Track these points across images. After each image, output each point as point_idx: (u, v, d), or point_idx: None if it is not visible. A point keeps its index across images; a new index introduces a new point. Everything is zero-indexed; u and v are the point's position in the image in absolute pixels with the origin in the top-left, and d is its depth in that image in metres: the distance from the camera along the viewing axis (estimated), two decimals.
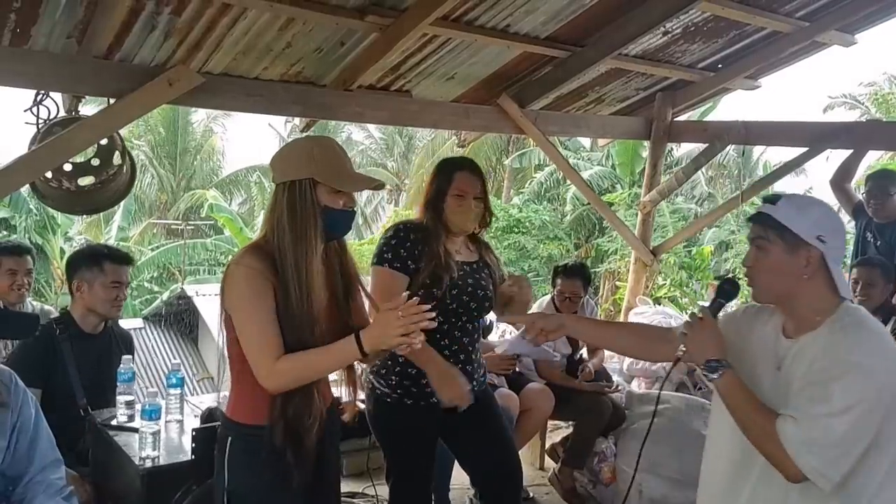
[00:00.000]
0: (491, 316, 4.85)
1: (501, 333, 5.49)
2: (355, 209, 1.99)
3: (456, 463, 3.40)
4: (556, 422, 4.58)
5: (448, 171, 2.56)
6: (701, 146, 5.10)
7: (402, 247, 2.45)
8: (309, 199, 1.82)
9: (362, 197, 24.66)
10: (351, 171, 1.93)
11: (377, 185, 1.96)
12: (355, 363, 2.01)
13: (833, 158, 4.92)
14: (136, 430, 2.38)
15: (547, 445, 4.27)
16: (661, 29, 4.04)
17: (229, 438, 1.86)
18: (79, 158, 3.39)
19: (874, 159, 13.38)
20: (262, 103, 3.71)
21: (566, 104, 4.82)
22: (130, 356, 2.78)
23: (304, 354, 1.77)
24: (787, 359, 1.67)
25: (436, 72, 4.04)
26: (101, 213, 17.33)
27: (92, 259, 2.89)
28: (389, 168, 25.44)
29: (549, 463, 4.27)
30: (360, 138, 25.63)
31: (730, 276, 1.87)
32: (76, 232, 18.16)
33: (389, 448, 2.62)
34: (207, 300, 12.60)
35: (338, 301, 1.94)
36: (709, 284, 13.49)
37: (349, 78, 3.79)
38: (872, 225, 4.06)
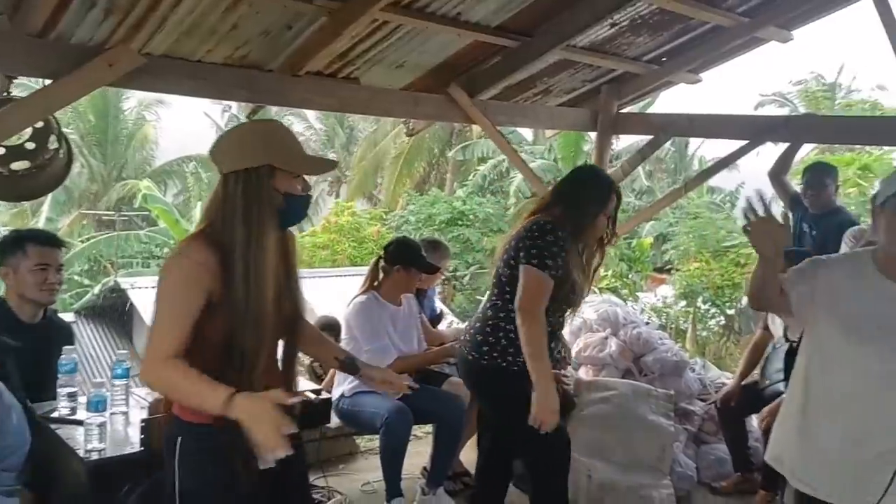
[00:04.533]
0: (441, 305, 4.89)
1: (449, 323, 5.52)
2: (311, 193, 1.93)
3: (409, 452, 3.43)
4: None
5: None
6: (640, 143, 5.19)
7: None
8: (267, 187, 1.74)
9: None
10: (306, 154, 1.88)
11: (334, 165, 1.94)
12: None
13: (763, 155, 5.10)
14: (80, 423, 2.29)
15: None
16: (608, 21, 4.08)
17: (179, 438, 1.78)
18: (12, 141, 3.23)
19: (804, 154, 13.92)
20: (207, 87, 3.61)
21: (514, 94, 4.83)
22: (72, 346, 2.67)
23: (186, 376, 1.66)
24: None
25: (385, 59, 4.00)
26: (28, 204, 16.65)
27: (14, 243, 2.80)
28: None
29: None
30: (300, 129, 25.22)
31: None
32: (0, 223, 17.39)
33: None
34: (143, 293, 12.21)
35: (281, 295, 1.85)
36: (647, 276, 13.86)
37: (297, 63, 3.71)
38: (808, 216, 4.21)
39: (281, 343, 1.92)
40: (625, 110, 5.25)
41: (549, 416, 2.46)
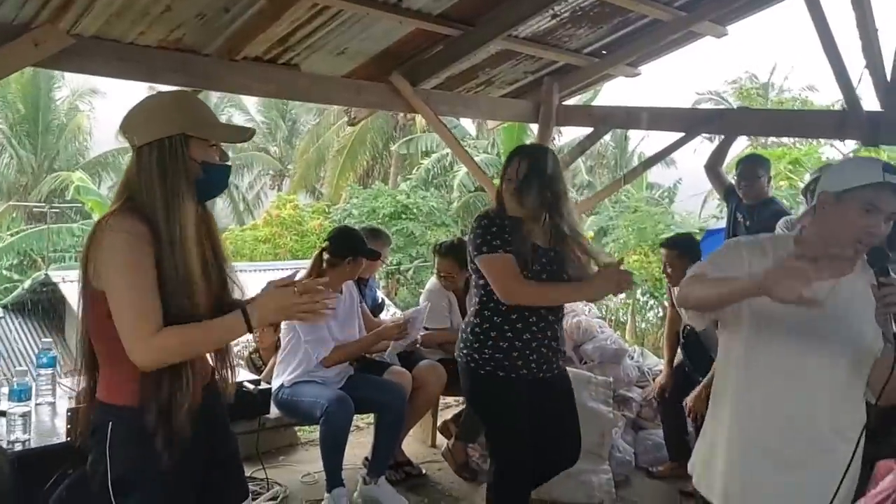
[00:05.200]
0: (382, 295, 4.86)
1: (393, 314, 5.50)
2: (230, 164, 1.90)
3: (350, 443, 3.40)
4: (447, 399, 4.63)
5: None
6: (580, 138, 5.27)
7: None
8: (181, 156, 1.69)
9: (243, 182, 23.91)
10: (220, 122, 1.86)
11: (250, 134, 1.89)
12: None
13: (700, 152, 5.24)
14: (2, 414, 2.19)
15: (438, 422, 4.30)
16: (549, 11, 4.11)
17: (110, 424, 1.70)
18: None
19: (738, 149, 14.33)
20: (138, 70, 3.51)
21: (457, 84, 4.83)
22: None
23: (187, 328, 1.65)
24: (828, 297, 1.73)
25: (326, 46, 3.94)
26: None
27: None
28: (272, 153, 24.78)
29: (440, 440, 4.31)
30: (241, 120, 24.70)
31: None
32: None
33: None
34: (76, 287, 11.76)
35: (208, 270, 1.80)
36: None
37: (234, 48, 3.64)
38: (742, 207, 4.32)
39: None
40: (566, 103, 5.31)
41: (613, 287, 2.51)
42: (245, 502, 1.98)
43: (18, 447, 2.08)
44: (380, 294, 4.62)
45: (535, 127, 5.65)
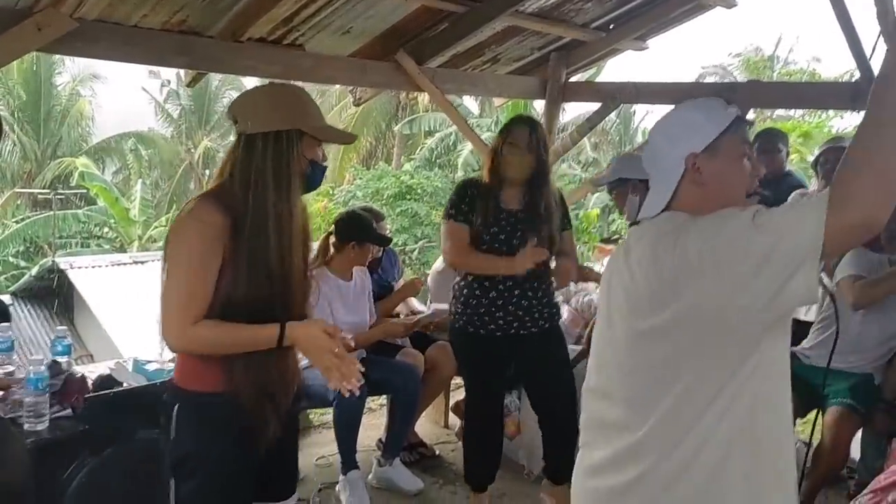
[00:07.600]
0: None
1: None
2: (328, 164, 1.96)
3: (363, 425, 3.40)
4: (460, 380, 4.62)
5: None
6: (586, 115, 5.21)
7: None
8: (296, 151, 1.75)
9: None
10: (329, 124, 1.93)
11: (354, 138, 2.05)
12: None
13: None
14: (20, 403, 2.18)
15: (451, 403, 4.30)
16: None
17: (176, 406, 1.78)
18: None
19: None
20: (143, 53, 3.47)
21: (463, 62, 4.78)
22: (8, 324, 2.54)
23: (223, 326, 1.68)
24: None
25: (331, 25, 3.89)
26: None
27: None
28: None
29: (453, 420, 4.31)
30: None
31: None
32: None
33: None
34: (84, 273, 11.80)
35: (306, 257, 1.90)
36: (595, 247, 14.03)
37: (238, 29, 3.59)
38: (762, 180, 4.27)
39: None
40: (575, 78, 5.25)
41: (524, 264, 2.72)
42: (291, 498, 1.99)
43: (34, 437, 2.07)
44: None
45: (539, 104, 5.60)
